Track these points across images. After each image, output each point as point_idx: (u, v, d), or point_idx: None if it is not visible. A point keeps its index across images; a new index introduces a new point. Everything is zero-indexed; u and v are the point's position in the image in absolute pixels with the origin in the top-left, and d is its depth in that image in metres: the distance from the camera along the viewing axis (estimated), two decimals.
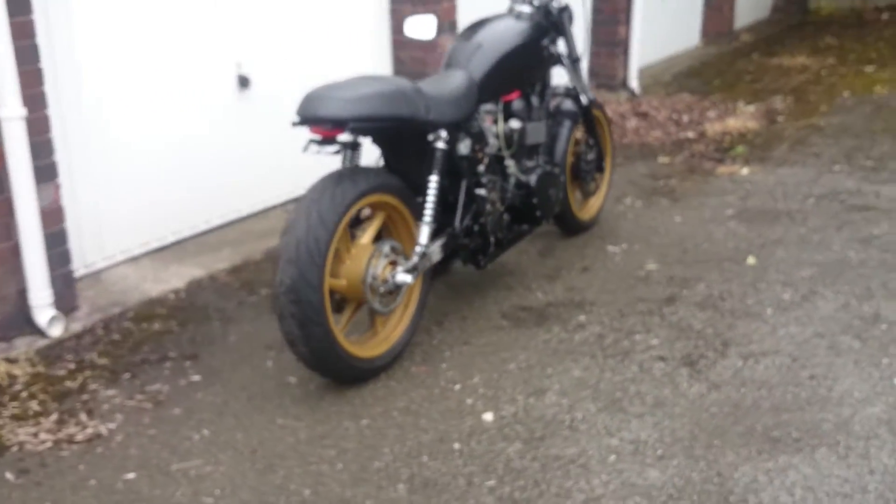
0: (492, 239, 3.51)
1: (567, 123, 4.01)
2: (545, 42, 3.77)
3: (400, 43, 5.31)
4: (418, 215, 3.18)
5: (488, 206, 3.44)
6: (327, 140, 2.96)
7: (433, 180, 3.13)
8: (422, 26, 4.04)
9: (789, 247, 3.97)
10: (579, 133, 4.20)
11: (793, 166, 5.19)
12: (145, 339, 3.48)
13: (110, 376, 3.21)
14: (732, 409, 2.73)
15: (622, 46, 7.33)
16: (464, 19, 5.52)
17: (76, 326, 3.57)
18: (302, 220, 2.83)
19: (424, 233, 3.11)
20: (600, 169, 4.31)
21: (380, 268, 3.01)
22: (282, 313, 2.84)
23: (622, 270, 3.88)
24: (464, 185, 3.34)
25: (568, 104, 4.07)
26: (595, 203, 4.40)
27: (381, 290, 3.02)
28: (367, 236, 3.07)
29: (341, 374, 3.00)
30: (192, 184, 4.35)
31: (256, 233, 4.50)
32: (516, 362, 3.14)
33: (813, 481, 2.35)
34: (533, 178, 3.63)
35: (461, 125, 3.28)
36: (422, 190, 3.17)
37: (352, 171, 2.98)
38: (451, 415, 2.85)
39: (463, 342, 3.33)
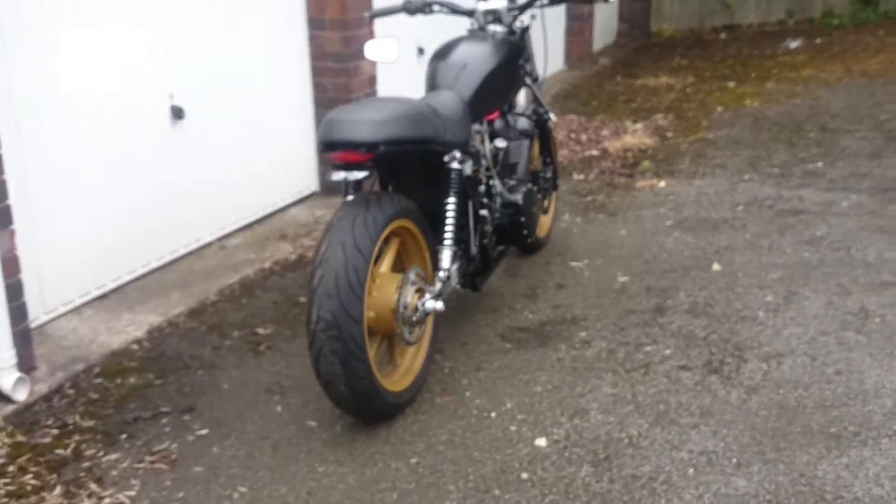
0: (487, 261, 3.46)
1: (527, 142, 4.03)
2: (521, 62, 3.77)
3: (321, 69, 5.16)
4: (430, 240, 3.08)
5: (487, 227, 3.39)
6: (354, 165, 2.82)
7: (452, 202, 3.04)
8: (383, 49, 3.94)
9: (744, 252, 4.14)
10: (535, 150, 4.23)
11: (704, 178, 5.44)
12: (126, 395, 3.17)
13: (104, 439, 2.90)
14: (780, 410, 2.80)
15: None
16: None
17: (41, 388, 3.21)
18: (337, 249, 2.67)
19: (447, 256, 3.01)
20: (555, 186, 4.35)
21: (409, 296, 2.89)
22: (321, 352, 2.67)
23: (596, 285, 3.92)
24: (470, 206, 3.27)
25: (524, 122, 4.08)
26: (547, 220, 4.43)
27: (413, 319, 2.90)
28: (385, 264, 2.94)
29: (380, 411, 2.85)
30: (128, 224, 4.03)
31: (199, 273, 4.23)
32: (540, 384, 3.10)
33: (893, 471, 2.44)
34: (519, 197, 3.61)
35: (464, 146, 3.22)
36: (429, 214, 3.08)
37: (377, 197, 2.85)
38: (501, 444, 2.76)
39: (475, 368, 3.25)
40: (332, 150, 2.80)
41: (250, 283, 4.13)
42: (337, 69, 5.14)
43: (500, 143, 3.58)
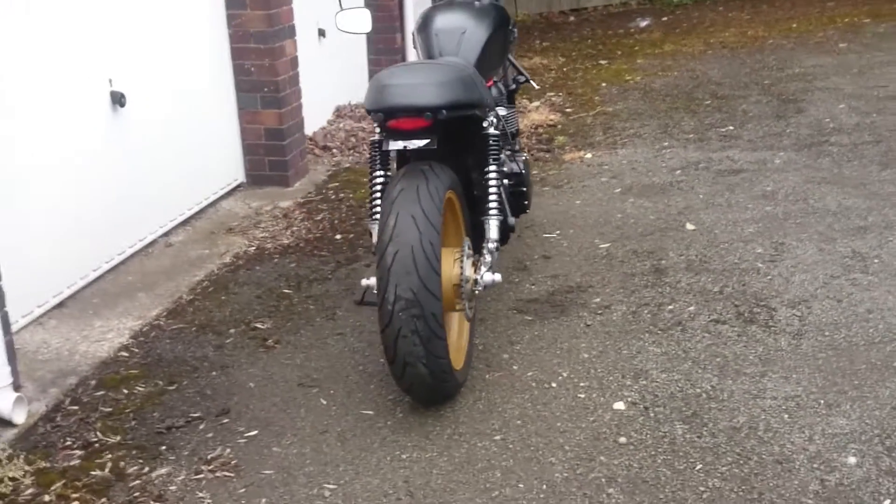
0: None
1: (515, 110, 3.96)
2: (511, 27, 3.69)
3: (242, 51, 4.86)
4: (465, 210, 2.96)
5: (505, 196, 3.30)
6: (415, 133, 2.65)
7: (494, 170, 2.92)
8: (356, 20, 3.76)
9: (707, 211, 4.26)
10: None
11: (626, 147, 5.56)
12: (143, 404, 2.86)
13: (142, 453, 2.60)
14: (835, 351, 2.89)
15: (400, 55, 7.34)
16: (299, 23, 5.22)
17: (37, 407, 2.85)
18: (408, 223, 2.50)
19: (494, 227, 2.89)
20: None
21: (468, 269, 2.76)
22: (399, 333, 2.49)
23: (581, 253, 3.91)
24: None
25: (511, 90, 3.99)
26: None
27: (474, 293, 2.77)
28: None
29: (449, 392, 2.71)
30: (76, 224, 3.64)
31: (156, 273, 3.89)
32: (585, 351, 3.05)
33: None
34: (522, 166, 3.53)
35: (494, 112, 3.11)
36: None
37: (430, 167, 2.69)
38: (579, 412, 2.70)
39: (508, 342, 3.16)
40: (388, 116, 2.62)
41: (219, 278, 3.84)
42: (261, 50, 4.86)
43: (502, 110, 3.49)
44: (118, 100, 3.87)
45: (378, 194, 2.98)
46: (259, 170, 5.06)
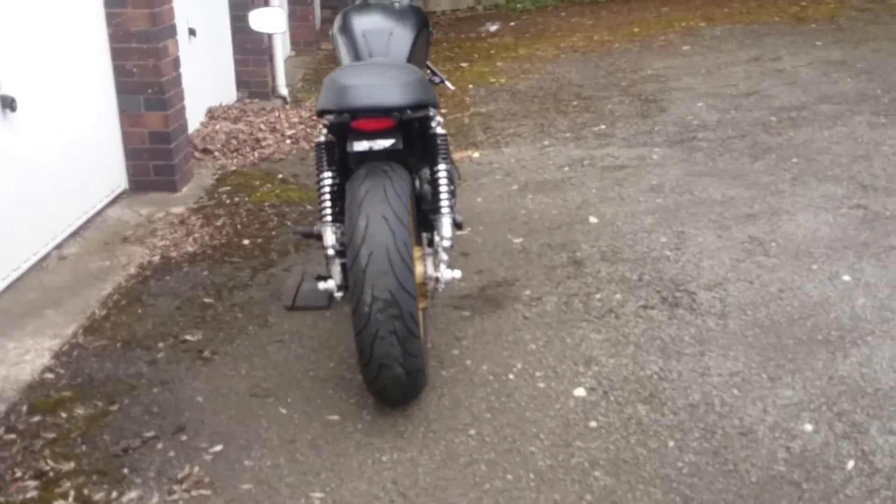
0: None
1: None
2: (430, 28, 3.72)
3: (123, 51, 4.64)
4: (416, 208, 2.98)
5: None
6: (378, 133, 2.63)
7: (444, 168, 2.94)
8: (269, 19, 3.70)
9: (603, 205, 4.45)
10: None
11: (510, 147, 5.72)
12: (88, 427, 2.71)
13: (103, 478, 2.47)
14: (761, 329, 3.11)
15: (268, 54, 7.21)
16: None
17: None
18: (380, 223, 2.50)
19: (447, 224, 2.91)
20: None
21: (430, 267, 2.78)
22: (377, 334, 2.49)
23: (497, 248, 4.01)
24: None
25: None
26: None
27: (437, 290, 2.79)
28: None
29: (419, 390, 2.71)
30: None
31: (58, 288, 3.67)
32: (532, 342, 3.14)
33: None
34: (451, 167, 3.57)
35: None
36: None
37: (391, 167, 2.69)
38: (543, 401, 2.78)
39: (454, 338, 3.20)
40: (352, 116, 2.60)
41: (129, 291, 3.66)
42: (144, 50, 4.65)
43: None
44: (9, 104, 3.61)
45: (327, 196, 2.94)
46: (143, 175, 4.84)
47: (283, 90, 7.26)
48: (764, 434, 2.53)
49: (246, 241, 4.21)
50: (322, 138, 2.98)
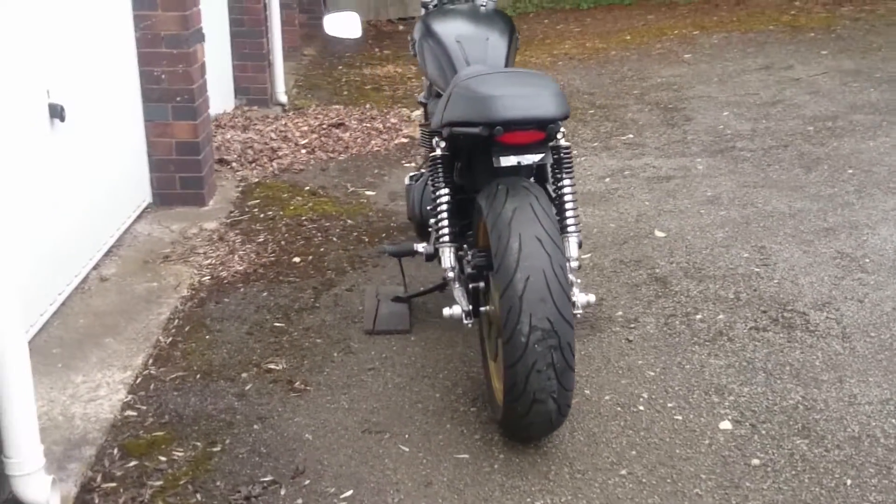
0: None
1: None
2: (517, 34, 3.50)
3: (152, 56, 4.33)
4: None
5: None
6: (527, 147, 2.41)
7: (570, 184, 2.72)
8: (345, 24, 3.46)
9: (664, 217, 4.26)
10: None
11: None
12: (194, 472, 2.43)
13: None
14: (891, 351, 2.96)
15: (268, 59, 6.92)
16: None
17: (66, 489, 2.33)
18: (535, 246, 2.27)
19: (574, 244, 2.67)
20: None
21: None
22: (534, 367, 2.26)
23: None
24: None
25: None
26: None
27: (575, 316, 2.57)
28: None
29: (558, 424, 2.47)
30: (16, 261, 3.04)
31: (109, 313, 3.37)
32: (648, 368, 2.94)
33: None
34: None
35: None
36: None
37: (527, 183, 2.47)
38: (689, 435, 2.59)
39: None
40: (504, 129, 2.36)
41: (189, 315, 3.37)
42: (174, 55, 4.35)
43: None
44: (58, 113, 3.28)
45: (445, 214, 2.71)
46: (169, 188, 4.52)
47: (283, 97, 6.99)
48: None
49: (296, 259, 3.93)
50: (439, 151, 2.74)
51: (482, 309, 2.57)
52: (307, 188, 4.94)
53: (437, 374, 2.94)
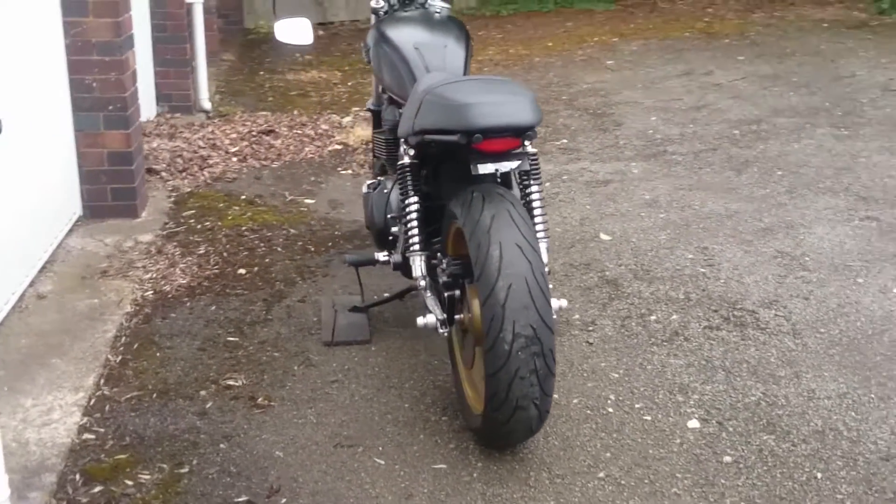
0: None
1: None
2: (471, 42, 3.49)
3: (82, 64, 4.17)
4: None
5: None
6: (504, 155, 2.40)
7: (538, 190, 2.72)
8: (296, 30, 3.40)
9: (607, 221, 4.31)
10: None
11: None
12: (166, 496, 2.36)
13: None
14: (841, 346, 3.05)
15: (191, 65, 6.76)
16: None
17: None
18: (515, 253, 2.27)
19: (544, 250, 2.67)
20: None
21: None
22: (517, 374, 2.25)
23: None
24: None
25: None
26: None
27: None
28: None
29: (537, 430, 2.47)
30: None
31: (52, 331, 3.23)
32: (611, 371, 2.97)
33: None
34: None
35: None
36: None
37: (501, 190, 2.46)
38: (660, 436, 2.62)
39: None
40: (484, 135, 2.35)
41: (137, 332, 3.26)
42: (106, 63, 4.21)
43: None
44: None
45: (415, 223, 2.68)
46: (100, 200, 4.36)
47: (207, 104, 6.83)
48: None
49: (242, 271, 3.84)
50: (406, 159, 2.71)
51: (457, 317, 2.55)
52: (243, 197, 4.84)
53: (403, 384, 2.91)
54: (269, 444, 2.57)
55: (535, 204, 2.70)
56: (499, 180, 2.65)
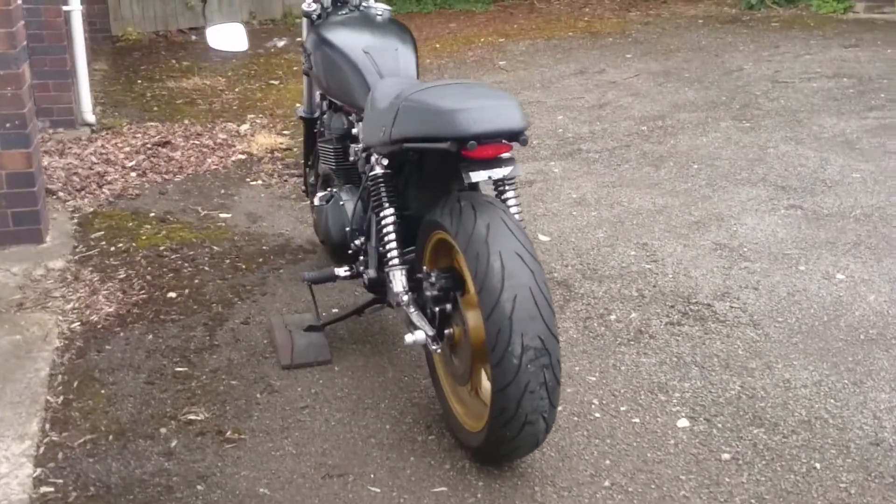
0: None
1: None
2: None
3: None
4: None
5: None
6: (495, 161, 2.29)
7: (515, 195, 2.63)
8: (230, 36, 3.20)
9: (542, 222, 4.28)
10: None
11: None
12: None
13: None
14: (803, 334, 3.10)
15: (72, 77, 6.35)
16: None
17: None
18: (517, 263, 2.18)
19: None
20: None
21: None
22: (527, 388, 2.16)
23: None
24: None
25: None
26: None
27: None
28: None
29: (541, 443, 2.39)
30: None
31: None
32: (587, 374, 2.92)
33: None
34: None
35: None
36: None
37: (488, 198, 2.37)
38: (653, 438, 2.58)
39: None
40: (477, 142, 2.23)
41: (73, 369, 3.00)
42: (1, 77, 3.87)
43: None
44: None
45: (393, 236, 2.55)
46: (1, 226, 4.01)
47: (90, 116, 6.43)
48: (895, 440, 2.51)
49: (172, 294, 3.60)
50: (379, 170, 2.57)
51: (446, 331, 2.44)
52: (152, 214, 4.56)
53: (378, 404, 2.77)
54: (251, 481, 2.39)
55: (513, 210, 2.62)
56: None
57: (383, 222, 2.58)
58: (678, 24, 9.13)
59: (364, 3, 3.33)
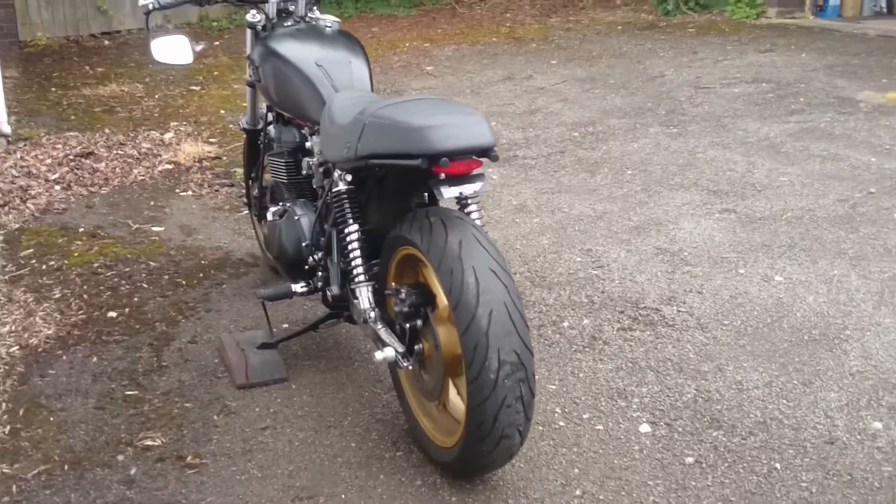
0: None
1: None
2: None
3: None
4: None
5: None
6: (466, 177, 2.29)
7: (478, 207, 2.63)
8: (174, 49, 3.12)
9: (486, 229, 4.32)
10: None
11: None
12: None
13: None
14: (749, 337, 3.19)
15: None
16: None
17: None
18: (491, 278, 2.18)
19: None
20: None
21: None
22: (504, 402, 2.17)
23: None
24: None
25: None
26: None
27: None
28: None
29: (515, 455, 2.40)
30: None
31: None
32: (546, 382, 2.95)
33: None
34: None
35: None
36: None
37: (457, 213, 2.36)
38: (618, 445, 2.61)
39: None
40: (449, 158, 2.22)
41: (16, 397, 2.90)
42: None
43: None
44: None
45: (358, 252, 2.52)
46: None
47: (6, 127, 6.18)
48: (848, 438, 2.60)
49: (112, 314, 3.50)
50: (343, 186, 2.54)
51: (416, 347, 2.42)
52: (82, 230, 4.42)
53: (341, 421, 2.74)
54: None
55: (477, 223, 2.62)
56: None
57: (348, 238, 2.56)
58: (598, 30, 9.29)
59: (310, 15, 3.29)
